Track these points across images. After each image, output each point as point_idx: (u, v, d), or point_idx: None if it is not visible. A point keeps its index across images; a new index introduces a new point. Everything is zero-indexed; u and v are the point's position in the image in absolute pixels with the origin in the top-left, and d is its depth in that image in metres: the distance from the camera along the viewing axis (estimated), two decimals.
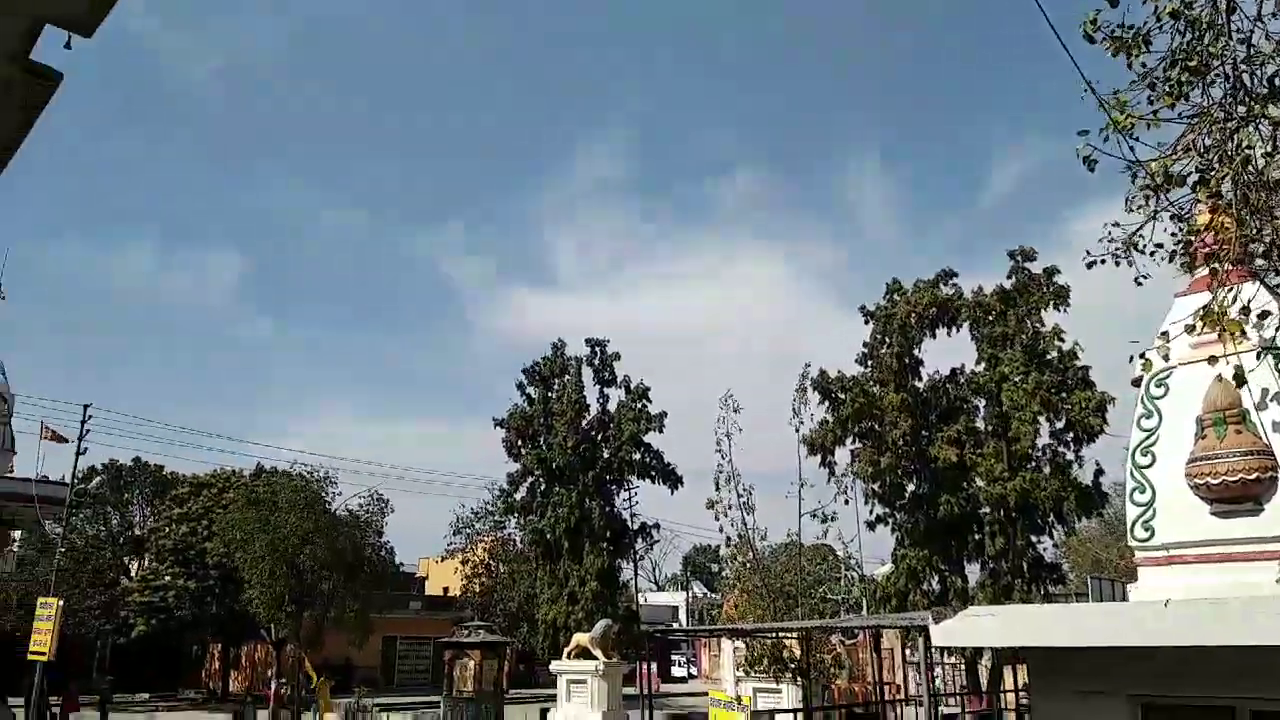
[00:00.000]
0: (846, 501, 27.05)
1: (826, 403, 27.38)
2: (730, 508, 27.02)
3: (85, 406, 24.43)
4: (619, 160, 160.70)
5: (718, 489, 27.16)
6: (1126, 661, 6.78)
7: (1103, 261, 5.67)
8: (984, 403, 26.76)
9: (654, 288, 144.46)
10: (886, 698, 23.78)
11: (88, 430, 24.45)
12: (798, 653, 23.63)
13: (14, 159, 4.07)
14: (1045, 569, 25.61)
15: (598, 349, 40.82)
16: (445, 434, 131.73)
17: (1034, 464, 25.45)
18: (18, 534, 32.51)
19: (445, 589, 56.57)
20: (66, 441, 24.45)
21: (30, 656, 22.23)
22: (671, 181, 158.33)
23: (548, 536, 38.62)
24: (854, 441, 27.26)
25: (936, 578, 25.89)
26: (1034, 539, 25.78)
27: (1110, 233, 5.64)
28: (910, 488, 26.93)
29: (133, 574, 46.30)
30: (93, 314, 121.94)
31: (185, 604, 40.50)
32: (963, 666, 29.16)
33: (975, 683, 26.53)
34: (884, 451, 25.81)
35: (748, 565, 28.92)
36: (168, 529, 42.71)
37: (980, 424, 26.76)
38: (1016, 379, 25.33)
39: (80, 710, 25.74)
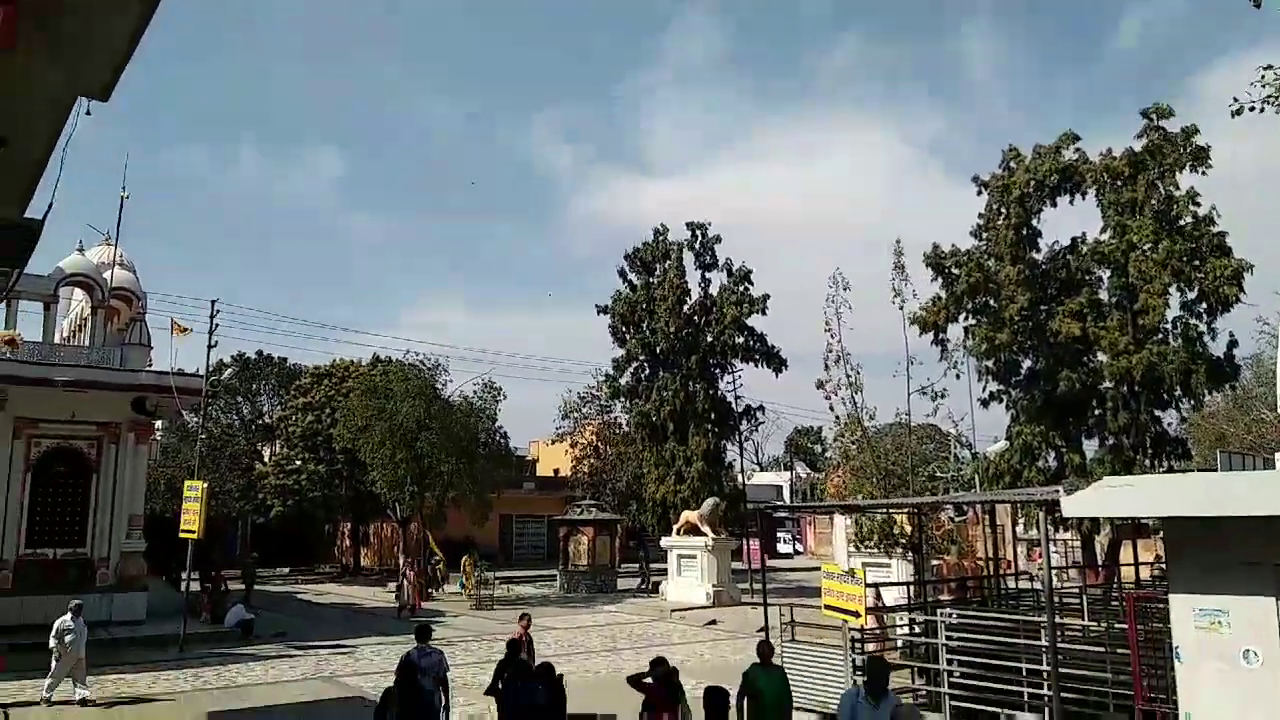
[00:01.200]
0: (958, 376, 26.46)
1: (939, 279, 26.50)
2: (839, 387, 26.80)
3: (213, 302, 25.42)
4: (714, 38, 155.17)
5: (826, 368, 26.92)
6: (1273, 530, 6.47)
7: (1253, 109, 5.13)
8: (1108, 274, 25.45)
9: (752, 167, 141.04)
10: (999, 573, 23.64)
11: (216, 325, 25.55)
12: (908, 529, 23.65)
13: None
14: (1169, 444, 24.68)
15: (698, 232, 40.34)
16: (552, 322, 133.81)
17: (1161, 336, 24.29)
18: (160, 424, 34.69)
19: (556, 470, 58.39)
20: (193, 334, 25.65)
21: (181, 535, 23.98)
22: (769, 57, 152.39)
23: (653, 419, 39.20)
24: (967, 318, 26.43)
25: (1053, 454, 25.28)
26: (1157, 414, 24.83)
27: (1264, 76, 5.09)
28: (1026, 364, 26.09)
29: (266, 459, 49.20)
30: (210, 216, 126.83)
31: (316, 486, 42.98)
32: (1078, 542, 28.76)
33: (1092, 557, 26.16)
34: (1000, 327, 24.94)
35: (855, 444, 28.80)
36: (294, 417, 45.01)
37: (1104, 296, 25.54)
38: (1145, 248, 23.95)
39: (226, 585, 27.83)
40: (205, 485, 22.63)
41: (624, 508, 46.63)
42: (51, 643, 15.20)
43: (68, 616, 15.49)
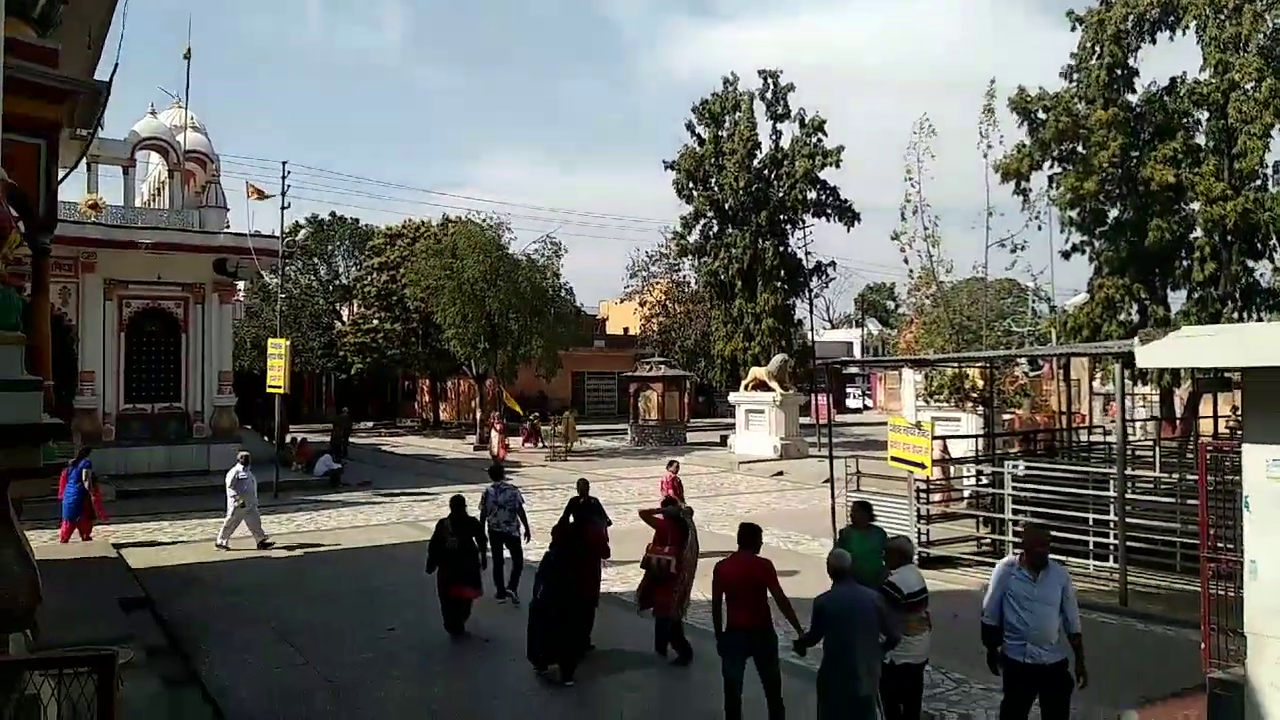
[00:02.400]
0: (1040, 228, 25.56)
1: (1024, 124, 25.20)
2: (915, 239, 26.13)
3: (284, 163, 25.71)
4: None
5: (903, 219, 26.19)
6: None
7: None
8: (1206, 116, 23.91)
9: (830, 9, 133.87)
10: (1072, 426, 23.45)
11: (288, 186, 25.90)
12: (980, 383, 23.45)
13: None
14: (1259, 295, 23.67)
15: (770, 80, 38.82)
16: (620, 181, 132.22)
17: (1259, 182, 22.94)
18: (241, 284, 35.78)
19: (625, 329, 58.98)
20: (270, 197, 26.03)
21: (269, 390, 25.09)
22: None
23: (721, 277, 38.97)
24: (1053, 166, 25.25)
25: (1135, 307, 24.49)
26: (1250, 264, 23.75)
27: None
28: (1113, 213, 25.00)
29: (345, 319, 50.68)
30: (277, 77, 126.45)
31: (393, 344, 44.26)
32: (1156, 396, 28.21)
33: (1170, 411, 25.70)
34: (1087, 175, 23.77)
35: (930, 298, 28.29)
36: (370, 277, 45.96)
37: (1200, 141, 24.08)
38: (1248, 87, 22.35)
39: (295, 439, 29.08)
40: (287, 343, 23.46)
41: (692, 364, 47.09)
42: (230, 493, 15.65)
43: (239, 467, 15.82)
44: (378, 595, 12.50)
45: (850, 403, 69.25)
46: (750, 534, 7.50)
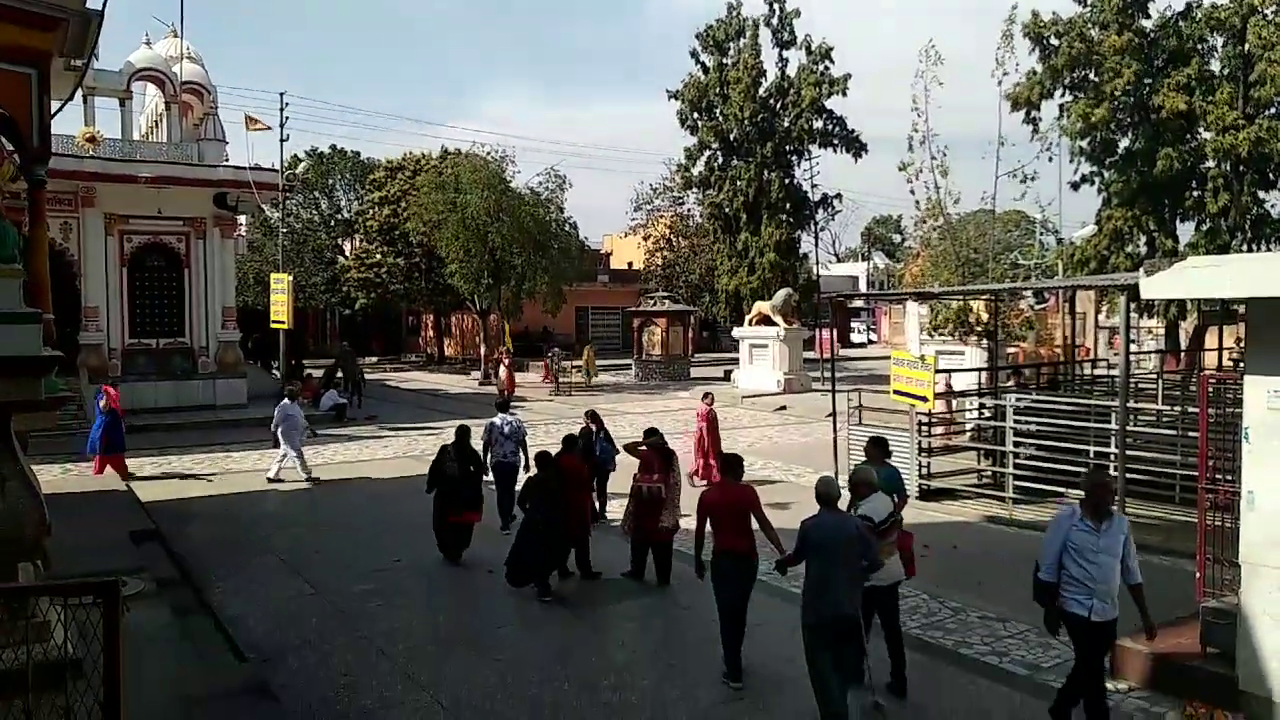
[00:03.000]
0: (1050, 159, 25.14)
1: (1036, 51, 24.64)
2: (922, 170, 25.76)
3: (281, 94, 25.54)
4: None
5: (910, 150, 25.77)
6: None
7: None
8: (1223, 42, 23.36)
9: None
10: (1076, 360, 23.44)
11: (287, 118, 25.63)
12: (984, 316, 23.37)
13: None
14: (1270, 226, 23.40)
15: (775, 6, 37.94)
16: (623, 112, 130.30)
17: (1275, 111, 22.50)
18: (243, 219, 35.60)
19: (629, 264, 58.76)
20: (269, 129, 25.77)
21: (272, 325, 25.21)
22: None
23: (726, 210, 38.64)
24: (1064, 94, 24.75)
25: (1144, 239, 24.25)
26: (1261, 195, 23.44)
27: None
28: (1124, 143, 24.57)
29: (347, 253, 50.47)
30: (273, 6, 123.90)
31: (396, 279, 44.15)
32: (1162, 330, 28.12)
33: (1175, 344, 25.64)
34: (1099, 102, 23.31)
35: (936, 230, 28.03)
36: (371, 211, 45.63)
37: (1215, 67, 23.57)
38: (1269, 11, 21.79)
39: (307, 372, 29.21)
40: (289, 278, 23.49)
41: (697, 299, 47.00)
42: (280, 428, 15.77)
43: (286, 401, 16.09)
44: (385, 527, 12.69)
45: (855, 337, 69.29)
46: (733, 463, 7.84)
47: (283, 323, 22.77)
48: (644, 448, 10.24)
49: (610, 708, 6.86)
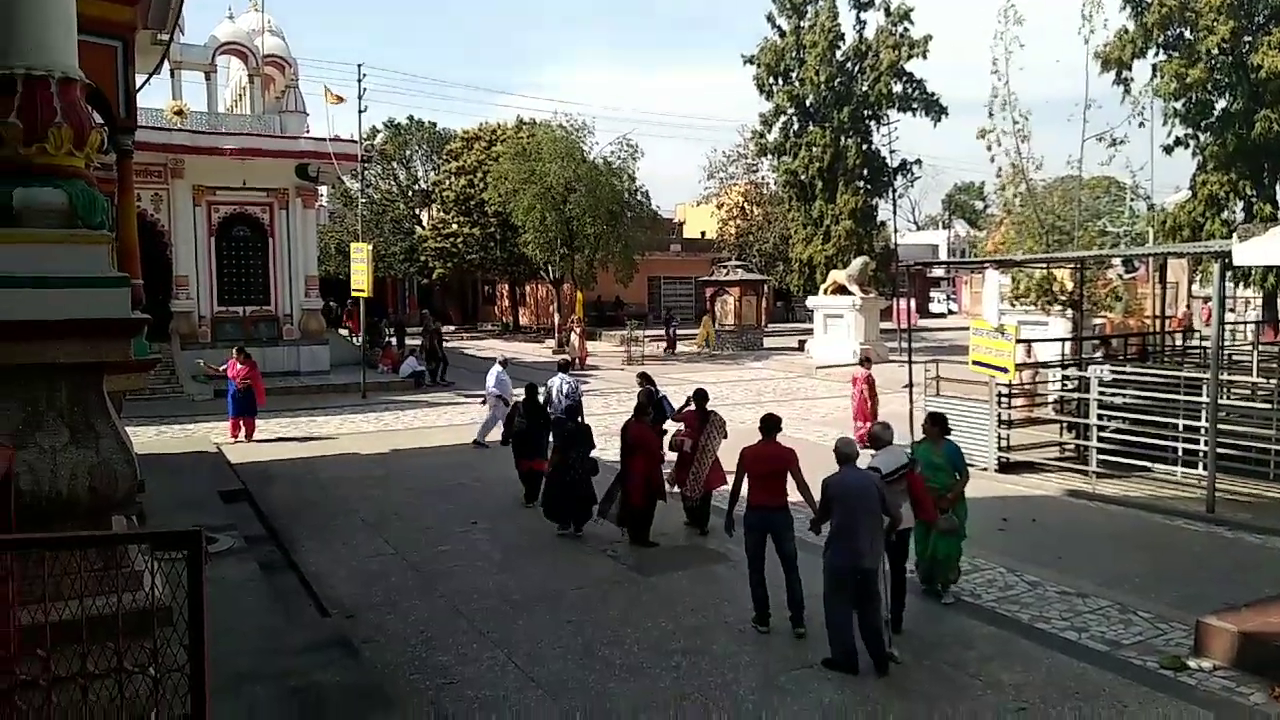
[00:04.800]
0: (1142, 124, 24.07)
1: (1127, 7, 23.59)
2: (1004, 135, 24.95)
3: (359, 66, 25.76)
4: None
5: (991, 116, 24.97)
6: None
7: None
8: None
9: None
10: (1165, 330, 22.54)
11: (365, 89, 25.97)
12: (1069, 286, 22.62)
13: None
14: None
15: None
16: (699, 80, 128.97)
17: None
18: (324, 189, 36.38)
19: (702, 233, 58.36)
20: (345, 101, 26.21)
21: (353, 294, 25.66)
22: None
23: (801, 177, 38.01)
24: (1157, 54, 23.66)
25: (1240, 204, 23.16)
26: None
27: None
28: (1220, 104, 23.44)
29: (425, 223, 51.26)
30: None
31: (472, 249, 44.67)
32: (1260, 300, 26.87)
33: (1273, 315, 24.50)
34: (1193, 62, 22.24)
35: (1018, 197, 27.15)
36: (448, 181, 46.16)
37: None
38: None
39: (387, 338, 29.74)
40: (369, 247, 23.90)
41: (770, 268, 46.48)
42: (493, 392, 16.04)
43: (499, 368, 16.42)
44: (462, 491, 12.95)
45: (934, 307, 67.73)
46: (771, 423, 8.13)
47: (363, 291, 23.24)
48: (687, 410, 11.09)
49: (679, 670, 6.92)
